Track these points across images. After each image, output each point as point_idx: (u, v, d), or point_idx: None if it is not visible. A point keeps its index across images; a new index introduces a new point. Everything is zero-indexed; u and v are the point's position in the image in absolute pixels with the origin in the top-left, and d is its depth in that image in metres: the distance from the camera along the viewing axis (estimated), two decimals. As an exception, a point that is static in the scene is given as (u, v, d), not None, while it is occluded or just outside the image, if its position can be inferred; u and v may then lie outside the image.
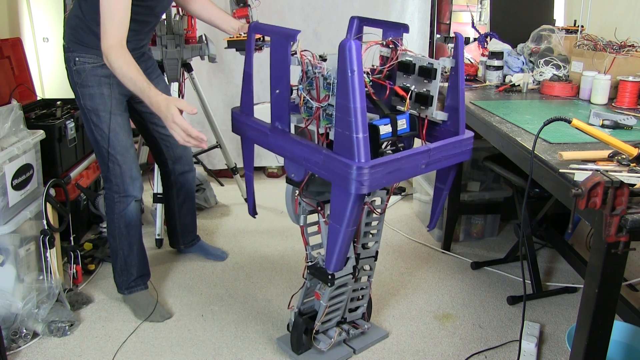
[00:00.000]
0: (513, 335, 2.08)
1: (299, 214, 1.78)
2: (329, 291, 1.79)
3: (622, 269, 1.23)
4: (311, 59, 1.53)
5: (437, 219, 1.87)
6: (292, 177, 1.69)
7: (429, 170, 1.55)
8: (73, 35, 1.96)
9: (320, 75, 1.51)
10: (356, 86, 1.33)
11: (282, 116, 1.60)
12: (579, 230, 2.80)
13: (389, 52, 1.67)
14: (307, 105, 1.58)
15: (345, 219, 1.45)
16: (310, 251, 1.85)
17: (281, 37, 1.51)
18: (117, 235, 2.14)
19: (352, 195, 1.40)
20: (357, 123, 1.34)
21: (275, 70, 1.56)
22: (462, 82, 1.60)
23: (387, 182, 1.45)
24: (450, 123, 1.65)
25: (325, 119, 1.55)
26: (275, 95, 1.59)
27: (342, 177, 1.39)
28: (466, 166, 2.78)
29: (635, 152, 1.30)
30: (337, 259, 1.53)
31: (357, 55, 1.32)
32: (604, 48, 2.24)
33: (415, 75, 1.65)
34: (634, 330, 1.78)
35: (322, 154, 1.45)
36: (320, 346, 1.90)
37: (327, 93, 1.51)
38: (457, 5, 3.54)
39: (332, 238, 1.51)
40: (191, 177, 2.49)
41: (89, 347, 1.99)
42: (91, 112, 1.99)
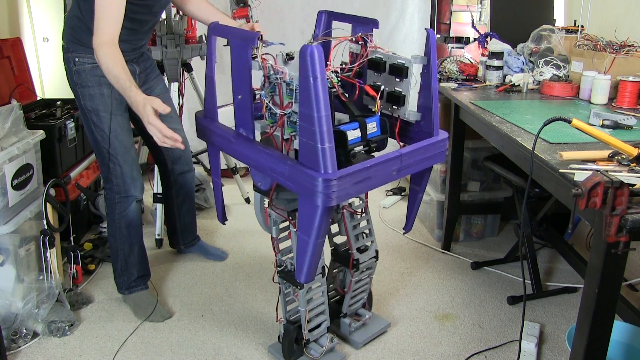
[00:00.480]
0: (513, 335, 2.08)
1: (270, 225, 1.74)
2: (302, 294, 1.74)
3: (622, 269, 1.23)
4: (273, 64, 1.47)
5: (413, 221, 1.83)
6: (259, 186, 1.65)
7: (400, 176, 1.49)
8: (72, 36, 1.96)
9: (282, 81, 1.45)
10: (320, 94, 1.26)
11: (246, 123, 1.54)
12: (579, 230, 2.80)
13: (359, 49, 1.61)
14: (271, 111, 1.52)
15: (313, 231, 1.39)
16: (280, 257, 1.79)
17: (241, 41, 1.46)
18: (117, 236, 2.14)
19: (320, 208, 1.34)
20: (322, 132, 1.28)
21: (236, 74, 1.51)
22: (434, 81, 1.55)
23: (356, 193, 1.39)
24: (423, 123, 1.59)
25: (290, 126, 1.48)
26: (237, 101, 1.54)
27: (308, 189, 1.33)
28: (466, 166, 2.78)
29: (635, 152, 1.30)
30: (308, 271, 1.48)
31: (320, 61, 1.25)
32: (604, 48, 2.24)
33: (386, 74, 1.59)
34: (634, 330, 1.78)
35: (287, 164, 1.39)
36: (311, 354, 1.85)
37: (291, 99, 1.44)
38: (457, 5, 3.54)
39: (301, 250, 1.45)
40: (190, 177, 2.49)
41: (89, 347, 1.99)
42: (91, 113, 1.99)
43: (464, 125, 2.39)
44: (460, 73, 2.64)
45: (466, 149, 2.64)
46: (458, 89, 2.43)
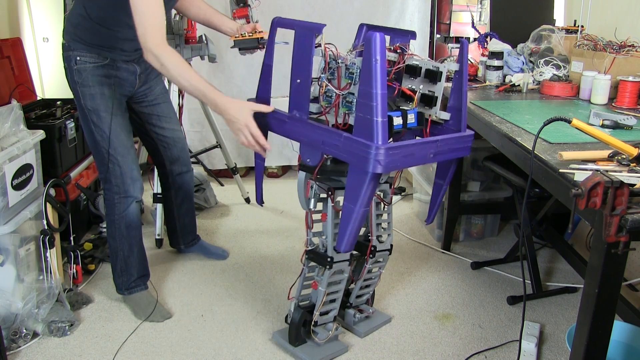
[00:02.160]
0: (513, 335, 2.08)
1: (310, 197, 1.85)
2: (327, 275, 1.84)
3: (622, 269, 1.23)
4: (334, 51, 1.65)
5: (435, 213, 1.96)
6: (307, 162, 1.76)
7: (435, 159, 1.65)
8: (75, 34, 1.95)
9: (343, 65, 1.63)
10: (379, 74, 1.43)
11: (302, 105, 1.69)
12: (579, 230, 2.80)
13: (396, 57, 1.77)
14: (327, 94, 1.69)
15: (360, 198, 1.53)
16: (311, 237, 1.90)
17: (306, 30, 1.63)
18: (117, 236, 2.13)
19: (369, 174, 1.48)
20: (378, 108, 1.44)
21: (297, 61, 1.66)
22: (465, 85, 1.69)
23: (401, 165, 1.54)
24: (452, 122, 1.74)
25: (345, 106, 1.65)
26: (295, 84, 1.68)
27: (360, 157, 1.48)
28: (466, 166, 2.78)
29: (635, 152, 1.30)
30: (349, 239, 1.60)
31: (381, 46, 1.42)
32: (604, 48, 2.24)
33: (421, 78, 1.75)
34: (634, 330, 1.78)
35: (342, 136, 1.54)
36: (317, 338, 1.93)
37: (349, 81, 1.62)
38: (457, 5, 3.53)
39: (345, 218, 1.58)
40: (189, 178, 2.49)
41: (89, 347, 1.99)
42: (92, 113, 1.98)
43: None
44: (460, 73, 2.63)
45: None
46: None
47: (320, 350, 1.94)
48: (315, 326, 1.94)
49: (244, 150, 3.75)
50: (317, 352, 1.93)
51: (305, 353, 1.93)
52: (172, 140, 2.33)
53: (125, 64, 2.02)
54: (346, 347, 1.99)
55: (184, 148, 2.41)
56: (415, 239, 2.89)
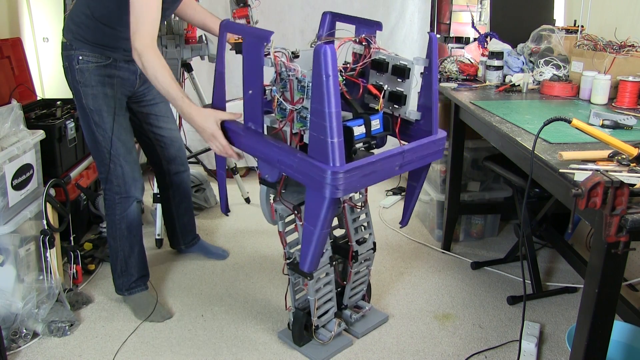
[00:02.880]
0: (513, 335, 2.08)
1: (276, 220, 1.81)
2: (311, 285, 1.82)
3: (622, 269, 1.23)
4: (285, 61, 1.53)
5: (409, 216, 1.91)
6: (266, 178, 1.70)
7: (402, 171, 1.56)
8: (77, 33, 1.94)
9: (294, 77, 1.51)
10: (331, 91, 1.33)
11: (255, 117, 1.61)
12: (579, 230, 2.80)
13: (362, 49, 1.68)
14: (281, 106, 1.58)
15: (319, 221, 1.46)
16: (289, 249, 1.86)
17: (254, 38, 1.52)
18: (117, 237, 2.13)
19: (327, 199, 1.41)
20: (332, 128, 1.35)
21: (248, 70, 1.57)
22: (435, 82, 1.61)
23: (362, 186, 1.46)
24: (423, 122, 1.65)
25: (300, 121, 1.54)
26: (248, 96, 1.59)
27: (316, 181, 1.40)
28: (466, 166, 2.78)
29: (635, 152, 1.30)
30: (312, 260, 1.55)
31: (333, 60, 1.33)
32: (604, 48, 2.24)
33: (389, 74, 1.66)
34: (634, 330, 1.78)
35: (297, 157, 1.45)
36: (320, 339, 1.95)
37: (302, 95, 1.50)
38: (457, 5, 3.53)
39: (306, 239, 1.52)
40: (186, 177, 2.49)
41: (89, 347, 1.99)
42: (93, 113, 1.98)
43: (464, 125, 2.39)
44: (460, 73, 2.64)
45: (466, 149, 2.64)
46: (458, 89, 2.43)
47: (326, 348, 1.95)
48: (317, 329, 1.95)
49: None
50: (322, 350, 1.95)
51: (311, 352, 1.94)
52: (169, 140, 2.33)
53: (126, 63, 2.02)
54: (350, 340, 2.01)
55: (181, 148, 2.41)
56: (415, 239, 2.89)
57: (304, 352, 1.96)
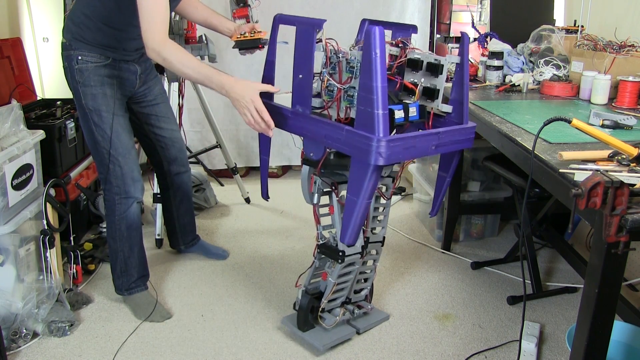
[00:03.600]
0: (513, 335, 2.08)
1: (313, 192, 1.88)
2: (338, 268, 1.88)
3: (622, 269, 1.23)
4: (335, 46, 1.67)
5: (439, 205, 1.98)
6: (311, 157, 1.78)
7: (437, 151, 1.65)
8: (77, 33, 1.94)
9: (344, 59, 1.65)
10: (379, 67, 1.44)
11: (304, 100, 1.70)
12: (579, 230, 2.80)
13: (398, 51, 1.79)
14: (329, 89, 1.71)
15: (362, 190, 1.54)
16: (322, 230, 1.93)
17: (307, 26, 1.64)
18: (117, 237, 2.13)
19: (371, 167, 1.50)
20: (379, 101, 1.45)
21: (299, 56, 1.68)
22: (466, 77, 1.70)
23: (403, 157, 1.55)
24: (454, 115, 1.75)
25: (346, 100, 1.67)
26: (297, 80, 1.70)
27: (362, 150, 1.49)
28: (466, 166, 2.78)
29: (635, 152, 1.30)
30: (352, 232, 1.62)
31: (381, 39, 1.44)
32: (604, 48, 2.24)
33: (423, 71, 1.76)
34: (634, 330, 1.78)
35: (344, 129, 1.55)
36: (325, 323, 1.98)
37: (350, 75, 1.64)
38: (457, 5, 3.53)
39: (348, 211, 1.60)
40: (187, 178, 2.49)
41: (89, 347, 1.99)
42: (93, 113, 1.98)
43: (464, 125, 2.38)
44: (460, 73, 2.63)
45: (466, 149, 2.64)
46: (458, 89, 2.43)
47: (329, 335, 1.98)
48: (322, 312, 1.99)
49: (244, 150, 3.76)
50: (325, 336, 1.97)
51: (314, 338, 1.97)
52: (170, 140, 2.33)
53: (126, 63, 2.03)
54: (354, 330, 2.04)
55: (182, 148, 2.41)
56: (415, 239, 2.89)
57: (306, 338, 1.98)
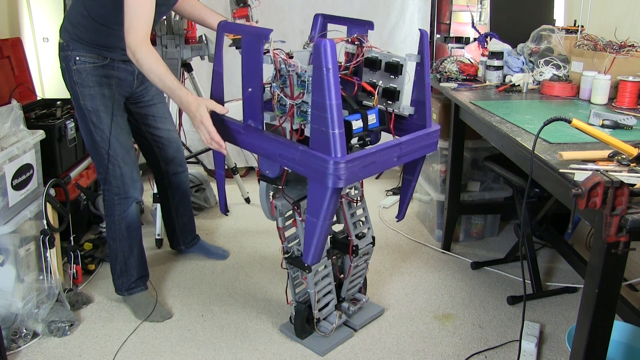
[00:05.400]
0: (513, 335, 2.08)
1: (276, 215, 1.84)
2: (310, 278, 1.85)
3: (622, 269, 1.23)
4: (284, 58, 1.56)
5: (405, 209, 1.96)
6: (267, 174, 1.73)
7: (400, 162, 1.61)
8: (74, 33, 1.94)
9: (294, 73, 1.55)
10: (332, 83, 1.38)
11: (255, 114, 1.63)
12: (579, 230, 2.80)
13: (355, 49, 1.72)
14: (281, 102, 1.62)
15: (322, 212, 1.49)
16: (287, 244, 1.90)
17: (253, 37, 1.55)
18: (117, 238, 2.13)
19: (330, 190, 1.44)
20: (334, 119, 1.39)
21: (247, 69, 1.59)
22: (427, 76, 1.66)
23: (363, 176, 1.50)
24: (417, 117, 1.70)
25: (300, 116, 1.58)
26: (247, 93, 1.62)
27: (319, 172, 1.43)
28: (466, 166, 2.78)
29: (635, 152, 1.30)
30: (315, 252, 1.59)
31: (332, 53, 1.37)
32: (604, 48, 2.24)
33: (382, 71, 1.70)
34: (634, 330, 1.78)
35: (299, 150, 1.49)
36: (322, 332, 1.99)
37: (301, 90, 1.55)
38: (457, 5, 3.53)
39: (309, 232, 1.55)
40: (184, 177, 2.48)
41: (89, 347, 1.99)
42: (91, 113, 1.98)
43: (464, 125, 2.39)
44: (460, 73, 2.64)
45: (466, 149, 2.64)
46: (458, 89, 2.43)
47: (327, 340, 1.99)
48: (318, 322, 1.99)
49: (244, 150, 3.75)
50: (324, 342, 1.98)
51: (313, 345, 1.97)
52: (167, 140, 2.33)
53: (123, 64, 2.02)
54: (351, 332, 2.05)
55: (179, 148, 2.41)
56: (415, 239, 2.89)
57: (306, 345, 1.98)
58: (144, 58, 1.71)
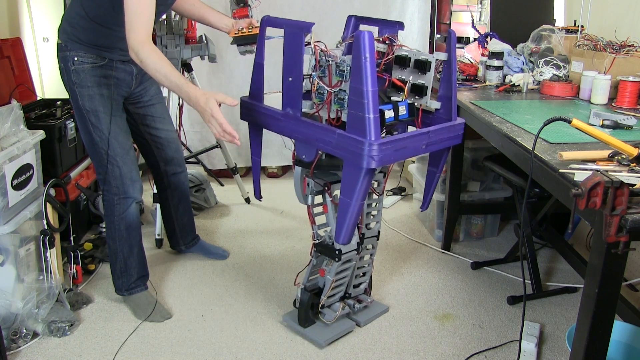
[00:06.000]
0: (513, 335, 2.08)
1: (307, 194, 1.90)
2: (336, 266, 1.90)
3: (622, 269, 1.23)
4: (324, 49, 1.67)
5: (429, 200, 2.03)
6: (303, 158, 1.80)
7: (427, 150, 1.69)
8: (72, 34, 1.94)
9: (333, 63, 1.66)
10: (369, 71, 1.46)
11: (294, 102, 1.71)
12: (579, 230, 2.80)
13: (385, 48, 1.80)
14: (319, 91, 1.72)
15: (355, 192, 1.56)
16: (317, 230, 1.95)
17: (295, 29, 1.64)
18: (117, 238, 2.13)
19: (364, 170, 1.52)
20: (369, 104, 1.48)
21: (288, 59, 1.68)
22: (454, 74, 1.74)
23: (395, 159, 1.57)
24: (442, 111, 1.78)
25: (337, 103, 1.68)
26: (287, 83, 1.71)
27: (354, 154, 1.51)
28: (466, 166, 2.78)
29: (635, 152, 1.30)
30: (347, 232, 1.65)
31: (370, 44, 1.46)
32: (604, 48, 2.24)
33: (411, 68, 1.78)
34: (634, 330, 1.78)
35: (336, 133, 1.57)
36: (325, 319, 2.02)
37: (339, 79, 1.65)
38: (457, 5, 3.54)
39: (342, 212, 1.62)
40: (184, 178, 2.48)
41: (89, 347, 1.99)
42: (90, 114, 1.97)
43: (464, 125, 2.38)
44: (460, 73, 2.64)
45: (466, 149, 2.64)
46: (458, 89, 2.43)
47: (329, 330, 2.01)
48: (322, 308, 2.02)
49: (244, 150, 3.75)
50: (326, 331, 2.00)
51: (315, 334, 1.99)
52: (165, 141, 2.33)
53: (122, 64, 2.02)
54: (353, 324, 2.07)
55: (178, 149, 2.41)
56: (415, 239, 2.89)
57: (308, 334, 2.00)
58: (147, 57, 1.71)
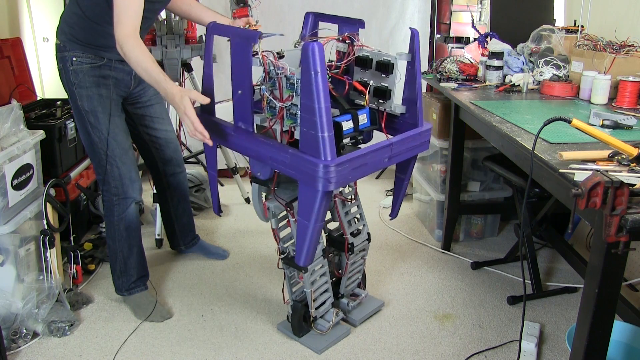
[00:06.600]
0: (513, 335, 2.08)
1: (269, 217, 1.84)
2: (306, 277, 1.86)
3: (622, 269, 1.23)
4: (273, 60, 1.55)
5: (399, 208, 1.97)
6: (258, 176, 1.73)
7: (391, 163, 1.60)
8: (71, 34, 1.94)
9: (282, 75, 1.53)
10: (320, 87, 1.36)
11: (245, 117, 1.63)
12: (579, 230, 2.80)
13: (346, 48, 1.71)
14: (270, 105, 1.60)
15: (313, 215, 1.49)
16: (282, 245, 1.91)
17: (241, 39, 1.54)
18: (116, 238, 2.13)
19: (320, 193, 1.44)
20: (323, 122, 1.38)
21: (236, 71, 1.59)
22: (418, 75, 1.65)
23: (353, 178, 1.49)
24: (408, 115, 1.69)
25: (290, 119, 1.57)
26: (237, 96, 1.62)
27: (309, 175, 1.43)
28: (466, 166, 2.78)
29: (635, 152, 1.30)
30: (307, 254, 1.58)
31: (320, 56, 1.35)
32: (604, 48, 2.24)
33: (373, 70, 1.69)
34: (634, 330, 1.78)
35: (289, 153, 1.48)
36: (319, 329, 2.00)
37: (291, 93, 1.53)
38: (457, 5, 3.53)
39: (300, 234, 1.55)
40: (183, 178, 2.48)
41: (89, 347, 1.99)
42: (89, 114, 1.97)
43: (464, 125, 2.39)
44: (460, 73, 2.64)
45: (466, 149, 2.64)
46: (458, 89, 2.43)
47: (325, 338, 1.99)
48: (315, 320, 2.00)
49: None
50: (321, 339, 1.99)
51: (310, 342, 1.98)
52: (164, 141, 2.33)
53: (120, 64, 2.02)
54: (348, 329, 2.06)
55: (177, 149, 2.41)
56: (415, 239, 2.89)
57: (303, 343, 1.99)
58: (130, 51, 1.72)
